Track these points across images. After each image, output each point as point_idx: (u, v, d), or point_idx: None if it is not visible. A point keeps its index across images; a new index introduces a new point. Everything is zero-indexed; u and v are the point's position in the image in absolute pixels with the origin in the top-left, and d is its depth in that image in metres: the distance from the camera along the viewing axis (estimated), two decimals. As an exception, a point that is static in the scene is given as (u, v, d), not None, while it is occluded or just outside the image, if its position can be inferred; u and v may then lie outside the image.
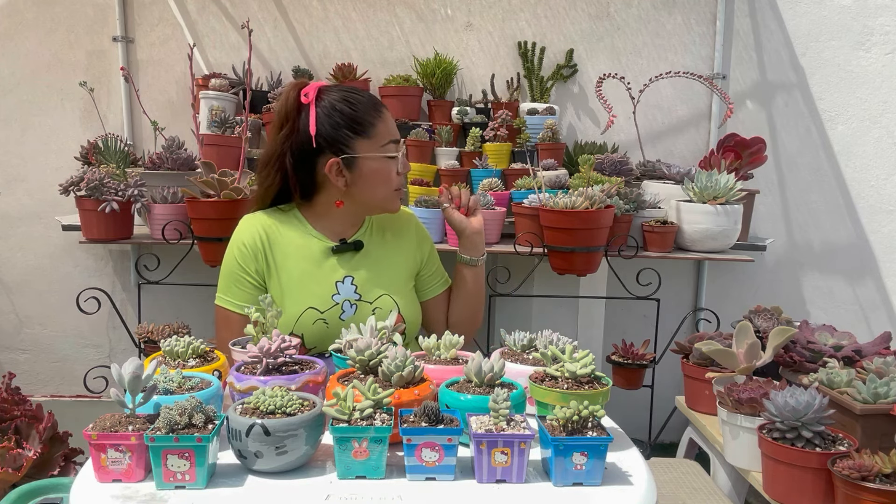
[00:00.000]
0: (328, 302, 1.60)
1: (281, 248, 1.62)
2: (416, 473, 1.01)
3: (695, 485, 1.81)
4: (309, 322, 1.58)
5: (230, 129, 2.65)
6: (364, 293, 1.63)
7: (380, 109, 1.60)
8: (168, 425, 0.97)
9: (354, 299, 1.62)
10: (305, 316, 1.58)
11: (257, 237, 1.61)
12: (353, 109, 1.57)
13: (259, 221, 1.64)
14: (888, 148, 2.99)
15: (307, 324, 1.58)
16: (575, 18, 2.93)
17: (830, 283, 3.08)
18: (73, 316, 2.72)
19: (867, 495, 1.29)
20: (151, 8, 2.88)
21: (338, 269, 1.63)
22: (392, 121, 1.63)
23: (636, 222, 2.56)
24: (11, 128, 2.91)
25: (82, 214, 2.48)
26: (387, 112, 1.62)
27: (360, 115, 1.57)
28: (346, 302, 1.62)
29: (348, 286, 1.62)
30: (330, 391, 1.07)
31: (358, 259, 1.66)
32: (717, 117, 2.96)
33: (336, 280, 1.62)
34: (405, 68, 2.91)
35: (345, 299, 1.62)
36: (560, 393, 1.09)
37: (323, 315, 1.59)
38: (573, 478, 1.00)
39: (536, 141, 2.74)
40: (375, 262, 1.67)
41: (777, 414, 1.45)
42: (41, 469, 1.69)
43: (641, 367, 2.48)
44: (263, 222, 1.64)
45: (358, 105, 1.58)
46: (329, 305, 1.60)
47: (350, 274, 1.63)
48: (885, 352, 1.81)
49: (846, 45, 2.94)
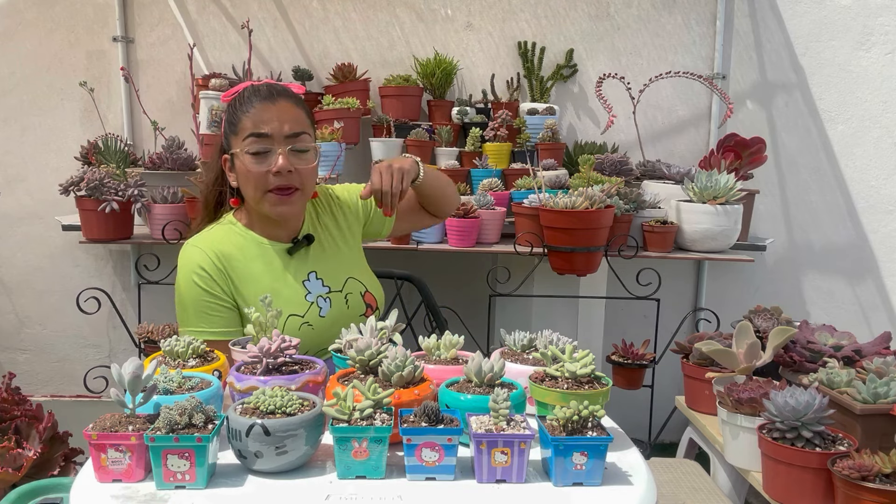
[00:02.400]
0: (303, 304, 1.56)
1: (239, 263, 1.54)
2: (416, 473, 1.01)
3: (695, 485, 1.81)
4: (294, 329, 1.53)
5: (230, 129, 2.65)
6: (332, 284, 1.60)
7: (251, 103, 1.49)
8: (168, 425, 0.97)
9: (325, 293, 1.59)
10: (289, 324, 1.53)
11: (209, 259, 1.52)
12: (231, 106, 1.53)
13: (203, 244, 1.54)
14: (888, 148, 2.99)
15: (293, 331, 1.52)
16: (575, 18, 2.93)
17: (830, 283, 3.08)
18: (73, 316, 2.73)
19: (867, 495, 1.29)
20: (151, 8, 2.88)
21: (299, 268, 1.59)
22: (269, 114, 1.48)
23: (636, 222, 2.56)
24: (11, 128, 2.91)
25: (82, 214, 2.48)
26: (260, 106, 1.48)
27: (234, 110, 1.52)
28: (320, 298, 1.58)
29: (314, 282, 1.59)
30: (330, 391, 1.07)
31: (313, 252, 1.62)
32: (717, 117, 2.96)
33: (302, 280, 1.58)
34: (405, 68, 2.91)
35: (317, 296, 1.58)
36: (560, 393, 1.09)
37: (304, 318, 1.54)
38: (573, 478, 1.00)
39: (536, 141, 2.74)
40: (328, 249, 1.64)
41: (777, 414, 1.45)
42: (41, 469, 1.69)
43: (641, 367, 2.48)
44: (208, 244, 1.54)
45: (236, 101, 1.53)
46: (306, 307, 1.55)
47: (312, 269, 1.60)
48: (885, 352, 1.81)
49: (846, 45, 2.94)
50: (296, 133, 1.50)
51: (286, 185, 1.49)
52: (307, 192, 1.56)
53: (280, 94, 1.52)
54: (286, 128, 1.49)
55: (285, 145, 1.48)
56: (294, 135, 1.50)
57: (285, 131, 1.48)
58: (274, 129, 1.48)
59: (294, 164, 1.49)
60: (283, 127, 1.48)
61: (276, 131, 1.48)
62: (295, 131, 1.50)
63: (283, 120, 1.49)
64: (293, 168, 1.49)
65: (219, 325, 1.52)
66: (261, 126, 1.47)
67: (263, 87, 1.53)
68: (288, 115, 1.50)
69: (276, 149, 1.48)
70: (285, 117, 1.49)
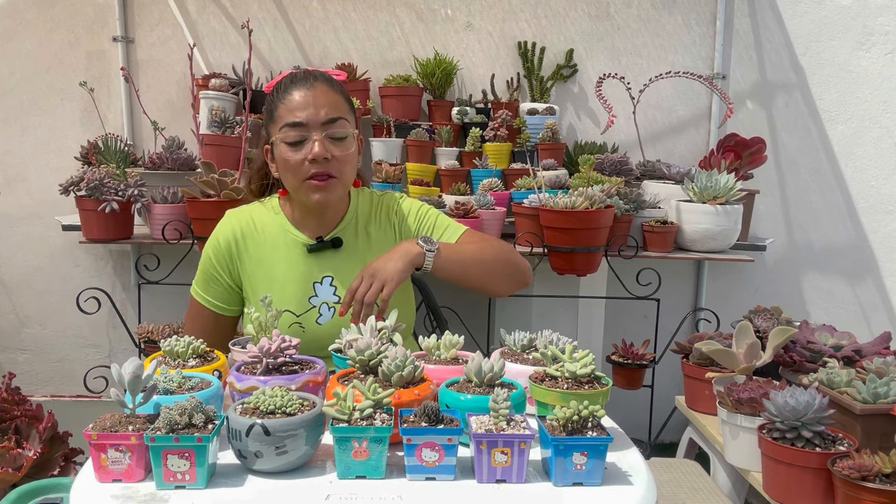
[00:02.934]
0: (304, 304, 1.52)
1: (257, 245, 1.56)
2: (416, 473, 1.01)
3: (695, 485, 1.81)
4: (284, 326, 1.51)
5: (230, 129, 2.65)
6: (343, 295, 1.49)
7: (287, 90, 1.47)
8: (168, 425, 0.97)
9: (333, 302, 1.53)
10: (282, 319, 1.49)
11: (231, 237, 1.56)
12: (270, 95, 1.52)
13: (238, 218, 1.58)
14: (888, 148, 2.99)
15: (282, 327, 1.49)
16: (575, 18, 2.93)
17: (830, 283, 3.08)
18: (73, 316, 2.73)
19: (867, 495, 1.29)
20: (151, 8, 2.88)
21: (316, 269, 1.54)
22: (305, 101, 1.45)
23: (636, 222, 2.56)
24: (11, 128, 2.91)
25: (82, 214, 2.48)
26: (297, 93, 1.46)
27: (272, 98, 1.50)
28: (324, 305, 1.53)
29: (327, 287, 1.54)
30: (330, 391, 1.07)
31: (338, 257, 1.56)
32: (717, 117, 2.96)
33: (314, 281, 1.54)
34: (405, 68, 2.91)
35: (322, 302, 1.53)
36: (560, 393, 1.09)
37: (298, 318, 1.52)
38: (573, 478, 1.00)
39: (536, 141, 2.74)
40: (357, 259, 1.56)
41: (777, 414, 1.45)
42: (41, 469, 1.69)
43: (641, 367, 2.48)
44: (242, 218, 1.58)
45: (274, 89, 1.51)
46: (305, 308, 1.52)
47: (329, 274, 1.54)
48: (885, 352, 1.81)
49: (846, 45, 2.94)
50: (332, 119, 1.46)
51: (323, 171, 1.46)
52: (345, 180, 1.52)
53: (317, 79, 1.48)
54: (322, 113, 1.45)
55: (321, 132, 1.45)
56: (330, 121, 1.46)
57: (321, 117, 1.45)
58: (309, 115, 1.45)
59: (331, 150, 1.46)
60: (319, 113, 1.45)
61: (312, 118, 1.45)
62: (331, 117, 1.46)
63: (319, 106, 1.45)
64: (329, 155, 1.45)
65: (213, 297, 1.57)
66: (296, 114, 1.45)
67: (300, 73, 1.51)
68: (324, 100, 1.46)
69: (311, 136, 1.45)
70: (321, 102, 1.46)
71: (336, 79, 1.55)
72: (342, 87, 1.54)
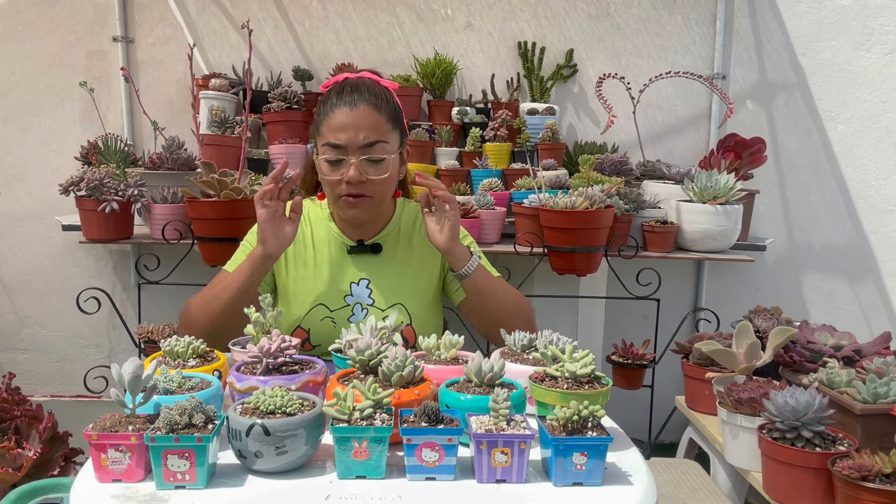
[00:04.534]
0: (339, 301, 1.58)
1: (303, 234, 1.61)
2: (416, 473, 1.01)
3: (695, 485, 1.81)
4: (317, 318, 1.57)
5: (230, 129, 2.65)
6: (377, 299, 1.58)
7: (332, 106, 1.48)
8: (168, 425, 0.97)
9: (367, 304, 1.58)
10: (315, 311, 1.56)
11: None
12: (320, 102, 1.54)
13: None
14: (888, 148, 2.99)
15: (315, 319, 1.56)
16: (575, 18, 2.93)
17: (830, 283, 3.08)
18: (73, 316, 2.72)
19: (867, 495, 1.29)
20: (151, 8, 2.88)
21: (355, 270, 1.60)
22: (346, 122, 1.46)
23: (636, 222, 2.56)
24: (11, 128, 2.91)
25: (82, 214, 2.48)
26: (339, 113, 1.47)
27: (319, 108, 1.52)
28: (358, 305, 1.58)
29: (363, 289, 1.59)
30: (330, 391, 1.07)
31: (377, 262, 1.61)
32: (717, 117, 2.96)
33: (351, 281, 1.59)
34: (405, 68, 2.91)
35: (357, 302, 1.58)
36: (560, 393, 1.09)
37: (332, 313, 1.57)
38: (573, 478, 1.00)
39: (536, 141, 2.74)
40: (396, 268, 1.61)
41: (777, 414, 1.45)
42: (41, 469, 1.69)
43: (641, 367, 2.48)
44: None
45: (324, 98, 1.53)
46: (340, 305, 1.58)
47: (367, 277, 1.59)
48: (885, 352, 1.81)
49: (846, 45, 2.94)
50: (371, 143, 1.48)
51: (356, 192, 1.50)
52: (379, 200, 1.56)
53: (362, 97, 1.49)
54: (361, 137, 1.47)
55: (359, 155, 1.48)
56: (369, 144, 1.48)
57: (360, 141, 1.47)
58: (349, 138, 1.47)
59: (367, 173, 1.49)
60: (359, 136, 1.47)
61: (351, 141, 1.47)
62: (370, 140, 1.48)
63: (359, 128, 1.47)
64: (365, 178, 1.49)
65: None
66: (338, 135, 1.47)
67: (347, 87, 1.51)
68: (365, 122, 1.47)
69: (349, 158, 1.48)
70: (362, 125, 1.47)
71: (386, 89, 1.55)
72: (389, 103, 1.53)
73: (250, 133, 2.65)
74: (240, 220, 2.32)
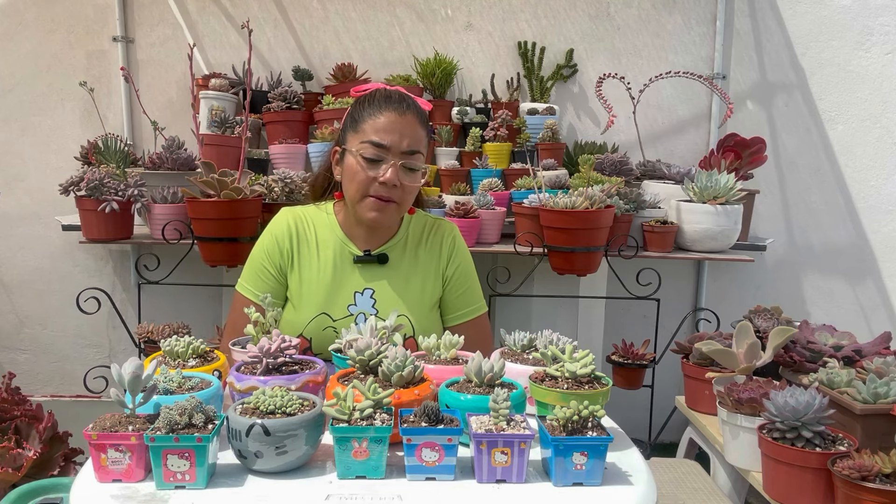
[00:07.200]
0: (342, 311, 1.57)
1: (308, 244, 1.61)
2: (416, 473, 1.01)
3: (695, 485, 1.81)
4: (319, 327, 1.56)
5: (230, 129, 2.65)
6: (381, 310, 1.57)
7: (380, 109, 1.51)
8: (168, 425, 0.97)
9: (370, 314, 1.57)
10: (317, 320, 1.56)
11: (286, 231, 1.60)
12: (360, 103, 1.56)
13: (293, 215, 1.63)
14: (888, 148, 2.99)
15: (317, 328, 1.55)
16: (575, 18, 2.93)
17: (830, 283, 3.08)
18: (73, 316, 2.72)
19: (867, 495, 1.29)
20: (151, 8, 2.88)
21: (360, 279, 1.59)
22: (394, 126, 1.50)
23: (636, 222, 2.56)
24: (11, 128, 2.91)
25: (82, 214, 2.48)
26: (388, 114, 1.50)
27: (360, 108, 1.54)
28: (361, 315, 1.57)
29: (367, 299, 1.58)
30: (330, 391, 1.07)
31: (383, 273, 1.60)
32: (717, 117, 2.96)
33: (355, 291, 1.58)
34: (405, 68, 2.91)
35: (360, 312, 1.57)
36: (560, 393, 1.09)
37: (335, 323, 1.56)
38: (573, 478, 1.00)
39: (536, 141, 2.74)
40: (401, 278, 1.61)
41: (777, 414, 1.45)
42: (41, 469, 1.69)
43: (641, 367, 2.48)
44: (297, 216, 1.63)
45: (363, 101, 1.55)
46: (343, 315, 1.57)
47: (371, 287, 1.59)
48: (885, 352, 1.81)
49: (846, 45, 2.94)
50: (412, 151, 1.52)
51: (387, 195, 1.51)
52: (403, 208, 1.58)
53: (409, 109, 1.53)
54: (405, 143, 1.51)
55: (399, 159, 1.51)
56: (410, 152, 1.52)
57: (403, 147, 1.51)
58: (394, 141, 1.50)
59: (401, 178, 1.51)
60: (403, 142, 1.50)
61: (396, 144, 1.50)
62: (412, 149, 1.52)
63: (404, 135, 1.51)
64: (399, 182, 1.51)
65: (261, 291, 1.57)
66: (383, 136, 1.50)
67: (396, 94, 1.55)
68: (411, 131, 1.52)
69: (389, 159, 1.50)
70: (407, 132, 1.51)
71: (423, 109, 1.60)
72: (427, 124, 1.59)
73: (250, 133, 2.65)
74: (240, 220, 2.32)
